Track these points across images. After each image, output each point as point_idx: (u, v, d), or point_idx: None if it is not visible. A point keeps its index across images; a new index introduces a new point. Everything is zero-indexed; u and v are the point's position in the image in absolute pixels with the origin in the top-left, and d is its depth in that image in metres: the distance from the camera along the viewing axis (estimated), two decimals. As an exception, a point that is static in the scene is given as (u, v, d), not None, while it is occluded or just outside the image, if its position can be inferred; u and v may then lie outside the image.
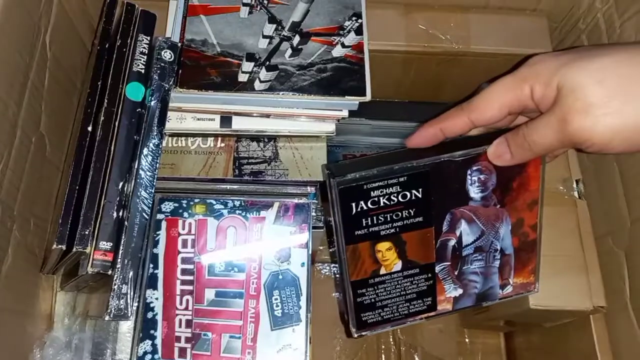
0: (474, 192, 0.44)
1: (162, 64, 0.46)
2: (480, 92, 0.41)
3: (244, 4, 0.52)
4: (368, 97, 0.49)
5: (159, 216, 0.51)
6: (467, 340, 0.74)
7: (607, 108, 0.35)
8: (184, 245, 0.51)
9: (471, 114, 0.41)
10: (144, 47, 0.46)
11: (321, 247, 0.73)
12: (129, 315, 0.42)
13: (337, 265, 0.70)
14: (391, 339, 0.74)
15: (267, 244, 0.51)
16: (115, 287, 0.41)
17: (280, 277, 0.51)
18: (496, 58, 0.58)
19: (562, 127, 0.36)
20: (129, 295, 0.42)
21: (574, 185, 0.54)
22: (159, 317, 0.50)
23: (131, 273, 0.42)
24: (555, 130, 0.37)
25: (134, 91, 0.45)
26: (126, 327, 0.54)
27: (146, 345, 0.49)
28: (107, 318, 0.41)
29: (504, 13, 0.59)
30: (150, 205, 0.44)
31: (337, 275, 0.73)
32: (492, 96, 0.40)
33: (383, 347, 0.73)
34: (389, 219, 0.43)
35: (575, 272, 0.51)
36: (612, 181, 0.52)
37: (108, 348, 0.54)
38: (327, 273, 0.75)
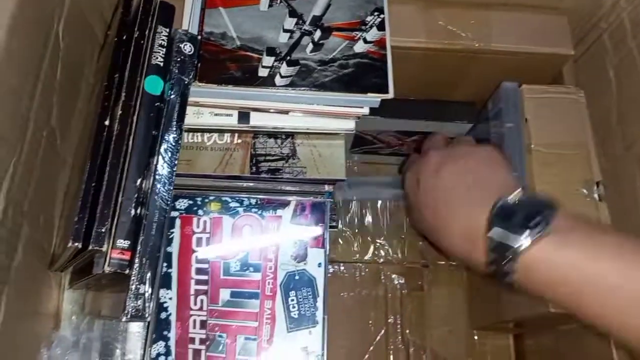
0: None
1: (182, 57, 0.44)
2: None
3: (265, -3, 0.51)
4: (391, 95, 0.48)
5: (173, 213, 0.50)
6: (476, 341, 0.73)
7: None
8: (199, 243, 0.50)
9: None
10: (163, 40, 0.44)
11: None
12: (147, 316, 0.41)
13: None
14: (400, 339, 0.73)
15: (284, 243, 0.50)
16: (133, 287, 0.40)
17: (297, 277, 0.50)
18: (517, 56, 0.57)
19: None
20: (146, 296, 0.41)
21: (594, 188, 0.53)
22: (173, 318, 0.49)
23: (149, 273, 0.41)
24: None
25: (153, 85, 0.43)
26: (136, 327, 0.53)
27: (159, 346, 0.48)
28: (124, 319, 0.40)
29: (524, 11, 0.58)
30: (168, 202, 0.42)
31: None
32: None
33: (392, 347, 0.72)
34: None
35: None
36: (633, 183, 0.51)
37: (117, 348, 0.53)
38: (335, 272, 0.74)
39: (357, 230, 0.75)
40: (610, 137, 0.55)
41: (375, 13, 0.51)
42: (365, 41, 0.50)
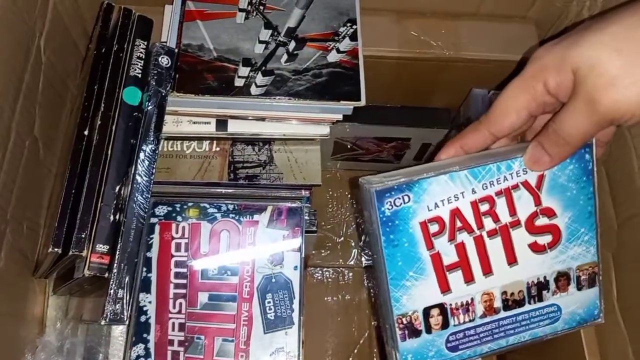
0: None
1: (159, 70, 0.46)
2: (494, 103, 0.39)
3: (240, 10, 0.52)
4: (363, 102, 0.50)
5: (153, 220, 0.51)
6: (456, 342, 0.75)
7: (636, 74, 0.33)
8: (178, 248, 0.51)
9: (490, 126, 0.39)
10: (141, 52, 0.46)
11: (313, 252, 0.74)
12: (125, 319, 0.42)
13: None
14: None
15: (260, 247, 0.52)
16: (112, 291, 0.41)
17: (273, 280, 0.51)
18: (486, 64, 0.59)
19: (593, 108, 0.34)
20: (124, 300, 0.42)
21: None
22: (152, 321, 0.50)
23: (127, 278, 0.42)
24: (587, 114, 0.34)
25: (131, 95, 0.45)
26: (118, 331, 0.54)
27: (139, 349, 0.49)
28: (102, 322, 0.41)
29: (493, 20, 0.60)
30: (146, 210, 0.44)
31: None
32: (507, 103, 0.38)
33: (375, 350, 0.74)
34: None
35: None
36: (600, 184, 0.53)
37: (100, 352, 0.54)
38: (319, 277, 0.75)
39: (341, 236, 0.77)
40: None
41: (348, 24, 0.53)
42: (338, 51, 0.52)
